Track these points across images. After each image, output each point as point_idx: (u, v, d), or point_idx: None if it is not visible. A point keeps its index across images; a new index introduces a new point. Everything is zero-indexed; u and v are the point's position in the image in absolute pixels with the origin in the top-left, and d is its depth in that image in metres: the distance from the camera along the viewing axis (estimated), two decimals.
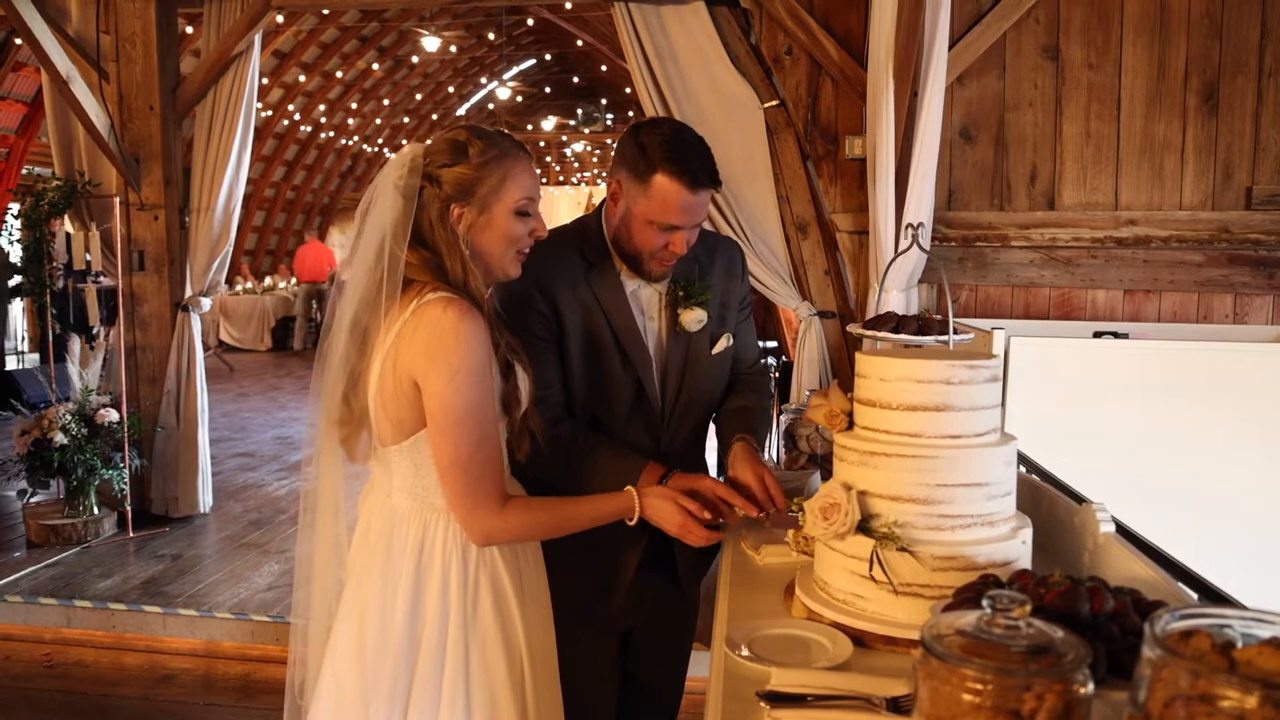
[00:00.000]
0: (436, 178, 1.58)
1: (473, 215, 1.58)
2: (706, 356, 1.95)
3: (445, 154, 1.59)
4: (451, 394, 1.49)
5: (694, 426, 1.99)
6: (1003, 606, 0.79)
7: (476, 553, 1.58)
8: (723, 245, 2.08)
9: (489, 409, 1.54)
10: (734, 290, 2.03)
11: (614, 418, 1.90)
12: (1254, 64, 3.86)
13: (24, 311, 10.49)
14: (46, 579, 4.24)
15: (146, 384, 5.00)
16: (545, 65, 17.32)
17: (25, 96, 8.94)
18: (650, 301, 1.93)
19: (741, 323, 2.06)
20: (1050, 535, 1.62)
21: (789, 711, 1.08)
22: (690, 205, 1.78)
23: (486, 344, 1.53)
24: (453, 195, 1.57)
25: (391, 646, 1.55)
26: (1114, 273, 4.02)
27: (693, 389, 1.94)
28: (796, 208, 4.21)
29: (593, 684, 1.96)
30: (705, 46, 4.13)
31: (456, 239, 1.57)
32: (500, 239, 1.61)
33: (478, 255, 1.60)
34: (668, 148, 1.77)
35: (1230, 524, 2.83)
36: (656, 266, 1.86)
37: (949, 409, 1.29)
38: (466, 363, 1.49)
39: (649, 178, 1.77)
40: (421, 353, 1.50)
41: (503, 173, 1.59)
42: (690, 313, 1.90)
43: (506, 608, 1.60)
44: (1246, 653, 0.64)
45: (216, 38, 4.75)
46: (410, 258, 1.56)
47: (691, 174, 1.76)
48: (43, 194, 4.84)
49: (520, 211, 1.61)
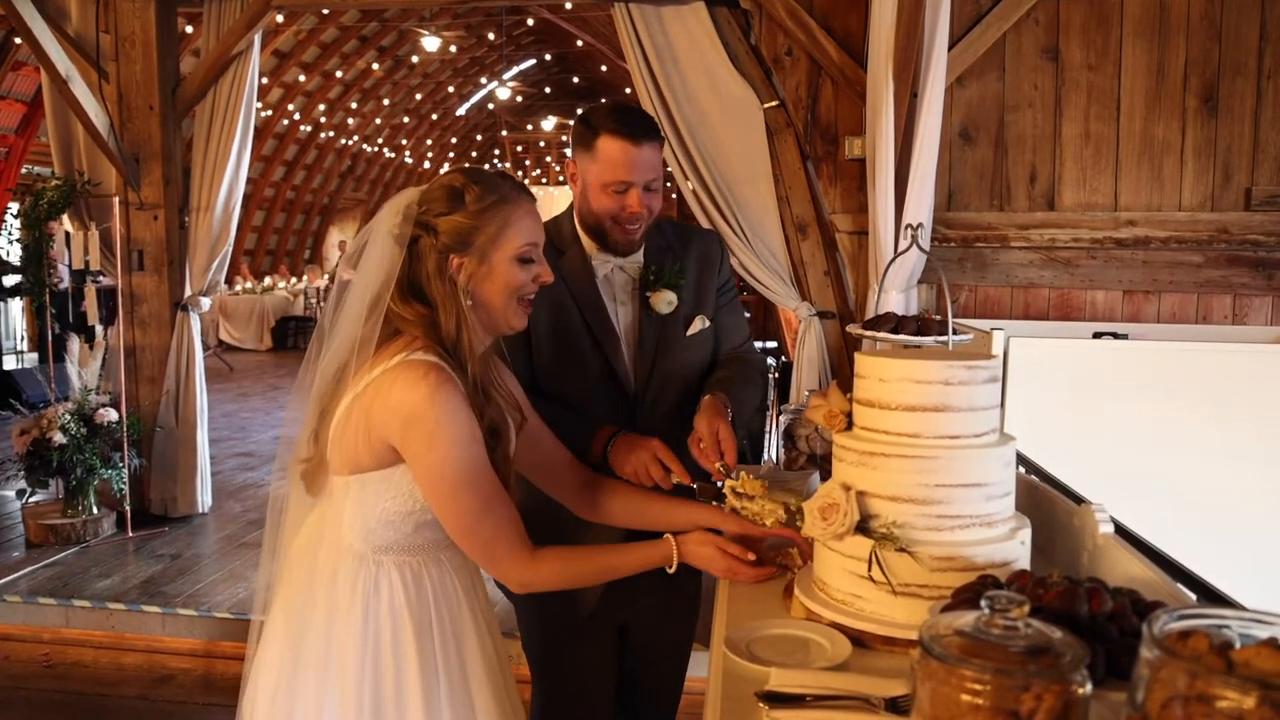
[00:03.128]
0: (433, 227, 1.51)
1: (473, 265, 1.51)
2: (681, 337, 1.99)
3: (441, 201, 1.52)
4: (440, 466, 1.45)
5: (672, 406, 1.99)
6: (1001, 607, 0.79)
7: (385, 597, 1.52)
8: (699, 236, 2.13)
9: (484, 470, 1.48)
10: (709, 276, 2.06)
11: (586, 398, 1.93)
12: (1253, 65, 3.86)
13: (23, 311, 10.49)
14: (45, 579, 4.24)
15: (146, 384, 5.00)
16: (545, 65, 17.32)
17: (25, 96, 8.94)
18: (623, 286, 1.98)
19: (723, 307, 2.09)
20: (1049, 536, 1.63)
21: (788, 712, 1.08)
22: (636, 159, 1.85)
23: (464, 409, 1.46)
24: (450, 245, 1.50)
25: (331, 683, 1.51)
26: (1113, 273, 4.02)
27: (667, 370, 1.97)
28: (796, 208, 4.22)
29: (589, 679, 1.97)
30: (705, 47, 4.13)
31: (455, 291, 1.51)
32: (501, 289, 1.53)
33: (479, 307, 1.54)
34: (607, 114, 1.89)
35: (1229, 525, 2.83)
36: (621, 235, 1.91)
37: (948, 409, 1.29)
38: (450, 434, 1.44)
39: (593, 143, 1.87)
40: (396, 417, 1.44)
41: (502, 219, 1.52)
42: (660, 295, 1.95)
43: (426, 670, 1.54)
44: (1244, 653, 0.65)
45: (216, 37, 4.75)
46: (405, 312, 1.50)
47: (630, 128, 1.85)
48: (42, 193, 4.84)
49: (523, 259, 1.54)
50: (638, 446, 1.79)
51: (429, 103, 17.51)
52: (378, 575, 1.53)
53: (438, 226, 1.50)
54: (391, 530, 1.53)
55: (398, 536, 1.53)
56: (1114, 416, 3.00)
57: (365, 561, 1.53)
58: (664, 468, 1.76)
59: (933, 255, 3.06)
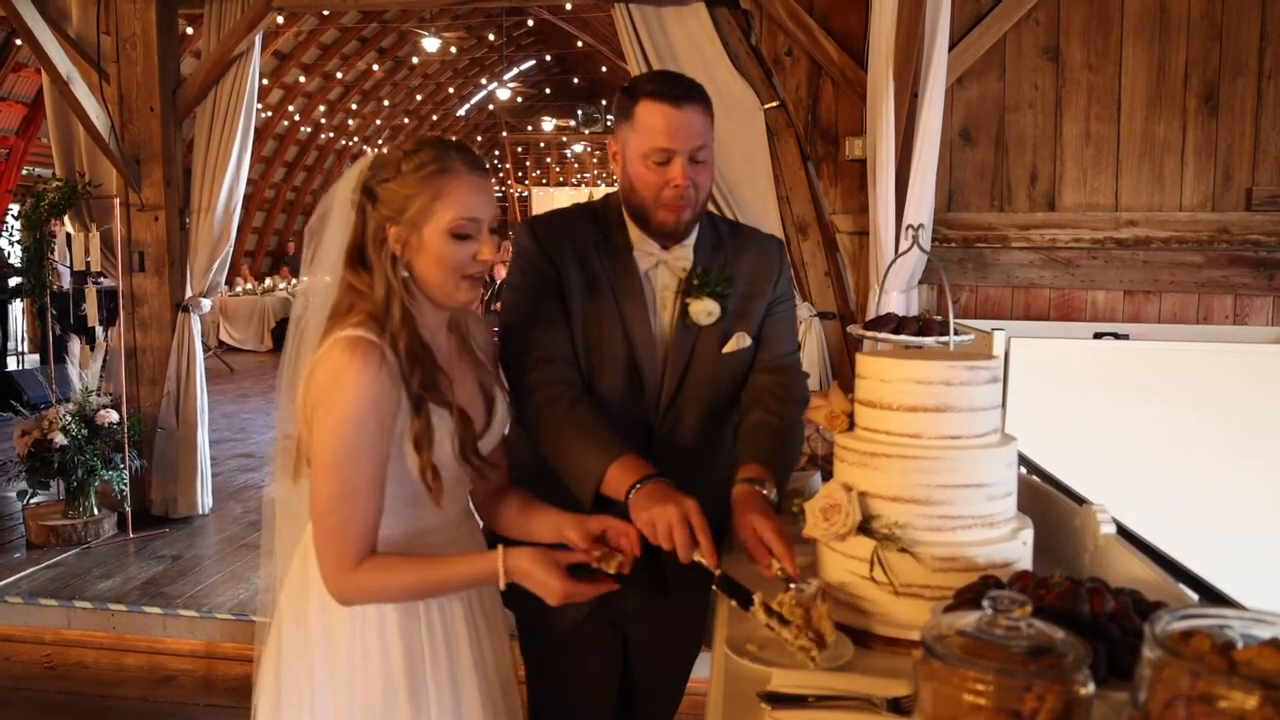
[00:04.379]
0: (375, 194, 1.46)
1: (405, 235, 1.45)
2: (715, 354, 1.78)
3: (387, 167, 1.46)
4: (326, 438, 1.39)
5: (698, 423, 1.80)
6: (1003, 607, 0.79)
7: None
8: (756, 242, 1.90)
9: (368, 463, 1.40)
10: (761, 289, 1.83)
11: (606, 398, 1.75)
12: (1254, 65, 3.86)
13: (24, 312, 10.49)
14: (47, 580, 4.24)
15: (146, 385, 5.00)
16: (545, 66, 17.34)
17: (25, 97, 8.95)
18: (665, 285, 1.78)
19: (772, 316, 1.86)
20: (1051, 536, 1.62)
21: (790, 712, 1.08)
22: (677, 123, 1.65)
23: (380, 389, 1.39)
24: (387, 215, 1.45)
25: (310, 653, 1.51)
26: (1114, 274, 4.02)
27: (695, 386, 1.78)
28: (797, 209, 4.22)
29: (589, 692, 1.90)
30: (705, 47, 4.13)
31: (393, 263, 1.45)
32: (435, 264, 1.45)
33: (418, 280, 1.47)
34: (649, 79, 1.75)
35: (1231, 525, 2.82)
36: (666, 215, 1.71)
37: (949, 410, 1.29)
38: (350, 409, 1.38)
39: (632, 111, 1.69)
40: (315, 392, 1.41)
41: (435, 190, 1.43)
42: (700, 303, 1.74)
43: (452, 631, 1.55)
44: (1246, 653, 0.65)
45: (217, 39, 4.75)
46: (354, 280, 1.46)
47: (670, 90, 1.67)
48: (43, 195, 4.84)
49: (456, 234, 1.44)
50: (669, 500, 1.48)
51: (429, 104, 17.52)
52: None
53: (379, 194, 1.45)
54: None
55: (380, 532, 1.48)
56: (1115, 417, 3.00)
57: None
58: (692, 535, 1.46)
59: (933, 256, 3.06)
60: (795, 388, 1.83)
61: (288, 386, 1.52)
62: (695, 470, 1.73)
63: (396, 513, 1.48)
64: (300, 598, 1.54)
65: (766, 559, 1.45)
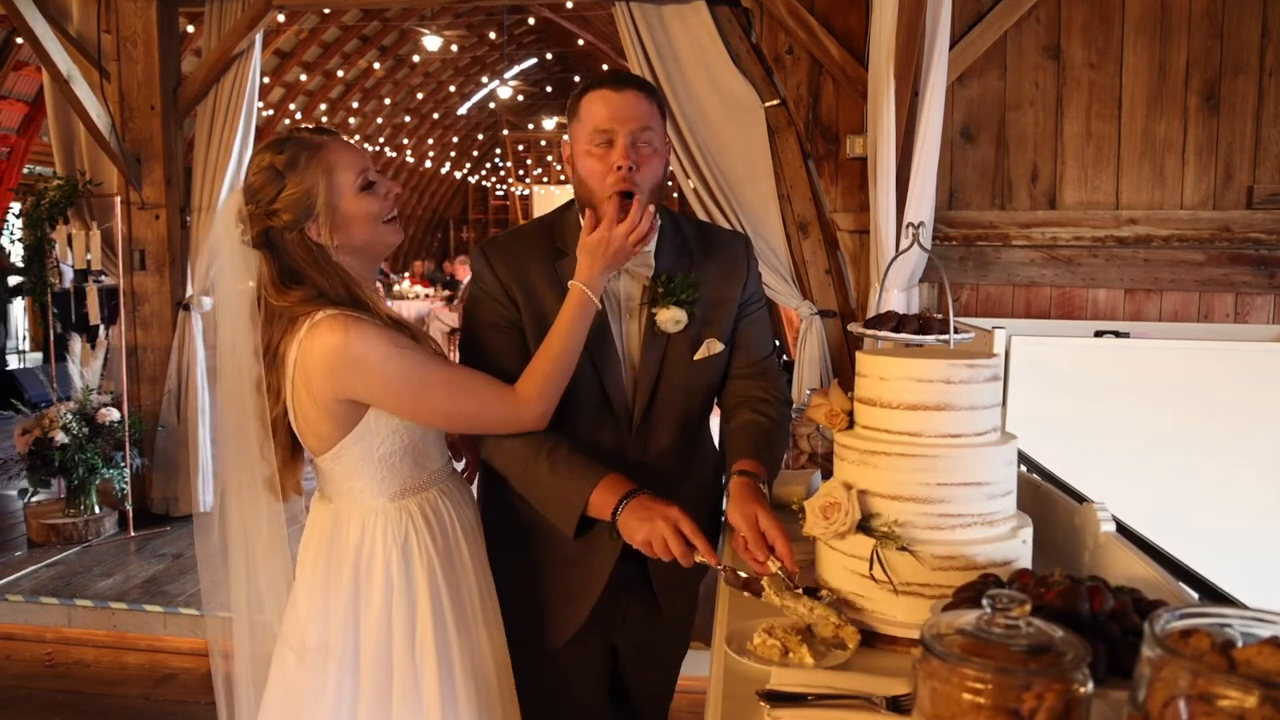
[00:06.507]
0: (274, 212, 1.54)
1: (327, 221, 1.56)
2: (686, 362, 1.73)
3: (266, 186, 1.55)
4: (391, 383, 1.51)
5: (673, 435, 1.76)
6: (1003, 606, 0.79)
7: (415, 547, 1.60)
8: (725, 240, 1.86)
9: (427, 361, 1.54)
10: (730, 292, 1.79)
11: (576, 419, 1.70)
12: (1255, 63, 3.85)
13: (25, 311, 10.50)
14: (47, 578, 4.24)
15: (147, 383, 5.01)
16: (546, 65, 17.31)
17: (26, 96, 8.93)
18: (629, 296, 1.73)
19: (745, 319, 1.82)
20: (1050, 534, 1.62)
21: (789, 711, 1.08)
22: (616, 104, 1.63)
23: (380, 328, 1.53)
24: (298, 218, 1.55)
25: (334, 652, 1.56)
26: (1115, 272, 4.01)
27: (668, 396, 1.73)
28: (797, 207, 4.21)
29: (577, 707, 1.88)
30: (706, 46, 4.13)
31: (327, 255, 1.56)
32: (361, 224, 1.58)
33: (353, 250, 1.59)
34: (593, 77, 1.73)
35: (1231, 523, 2.82)
36: (614, 205, 1.65)
37: (949, 408, 1.29)
38: (381, 352, 1.50)
39: (578, 106, 1.69)
40: (328, 371, 1.50)
41: (324, 166, 1.55)
42: (667, 312, 1.69)
43: (459, 610, 1.63)
44: (1246, 652, 0.64)
45: (218, 37, 4.75)
46: (288, 300, 1.54)
47: (612, 79, 1.67)
48: (44, 193, 4.84)
49: (364, 187, 1.58)
50: (654, 514, 1.50)
51: (430, 102, 17.49)
52: (375, 528, 1.60)
53: (277, 209, 1.54)
54: (395, 474, 1.60)
55: (403, 478, 1.61)
56: (1115, 415, 2.99)
57: (390, 514, 1.61)
58: (686, 542, 1.48)
59: (934, 254, 3.05)
60: (776, 390, 1.82)
61: (255, 419, 1.58)
62: (673, 482, 1.72)
63: (393, 468, 1.60)
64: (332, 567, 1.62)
65: (764, 553, 1.45)
